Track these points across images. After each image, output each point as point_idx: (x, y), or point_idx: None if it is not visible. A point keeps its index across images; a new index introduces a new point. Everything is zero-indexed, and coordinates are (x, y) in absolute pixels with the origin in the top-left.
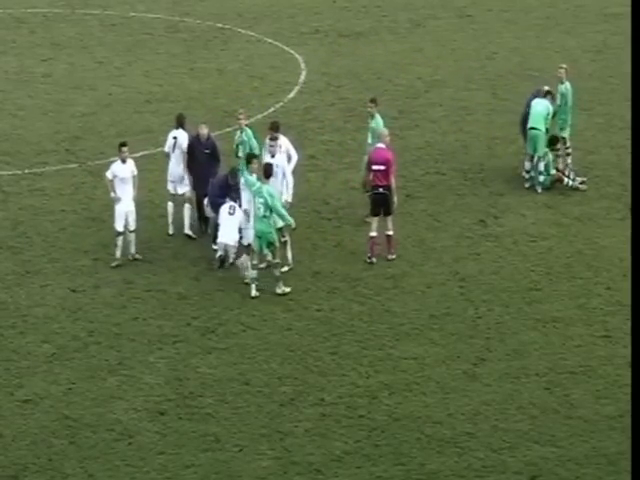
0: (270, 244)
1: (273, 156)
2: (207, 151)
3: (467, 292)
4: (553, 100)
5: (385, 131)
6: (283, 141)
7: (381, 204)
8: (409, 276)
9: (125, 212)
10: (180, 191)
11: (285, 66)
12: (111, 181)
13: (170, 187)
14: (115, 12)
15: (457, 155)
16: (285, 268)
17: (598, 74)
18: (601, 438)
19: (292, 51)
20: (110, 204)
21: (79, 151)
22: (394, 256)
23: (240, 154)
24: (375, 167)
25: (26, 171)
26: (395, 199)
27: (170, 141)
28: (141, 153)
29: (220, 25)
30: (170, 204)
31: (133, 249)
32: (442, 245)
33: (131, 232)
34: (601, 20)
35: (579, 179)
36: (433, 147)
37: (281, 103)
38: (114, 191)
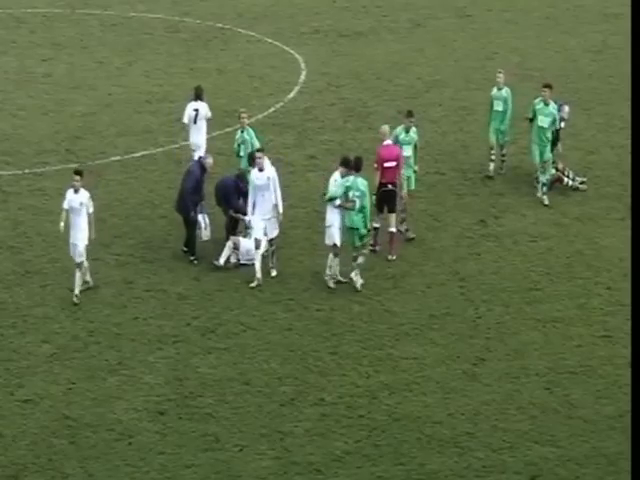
0: (362, 237)
1: (261, 170)
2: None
3: (467, 292)
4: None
5: (387, 128)
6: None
7: (387, 201)
8: (409, 276)
9: (72, 243)
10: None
11: (285, 66)
12: (66, 210)
13: (196, 155)
14: (115, 12)
15: (457, 155)
16: (254, 283)
17: (598, 74)
18: (601, 438)
19: (292, 51)
20: (111, 203)
21: (79, 151)
22: (394, 257)
23: (242, 153)
24: (387, 164)
25: (26, 171)
26: (403, 194)
27: (191, 113)
28: (141, 153)
29: (220, 25)
30: None
31: (88, 276)
32: (442, 245)
33: (77, 265)
34: (601, 20)
35: (579, 179)
36: (433, 147)
37: (281, 103)
38: (62, 221)
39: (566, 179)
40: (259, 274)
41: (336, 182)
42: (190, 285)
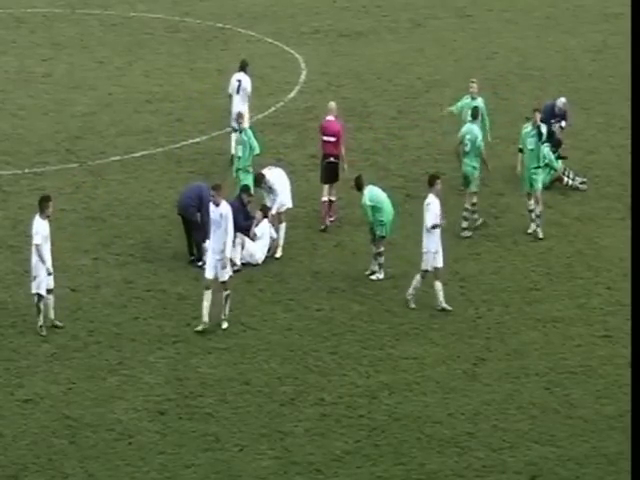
0: (382, 237)
1: (217, 205)
2: None
3: (467, 292)
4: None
5: (334, 105)
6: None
7: (331, 172)
8: (409, 276)
9: (50, 273)
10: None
11: (285, 66)
12: (39, 245)
13: (234, 124)
14: (115, 12)
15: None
16: (225, 325)
17: (598, 74)
18: (601, 438)
19: (292, 51)
20: (111, 203)
21: (79, 151)
22: (333, 218)
23: (240, 154)
24: (326, 138)
25: (26, 171)
26: (345, 166)
27: (234, 84)
28: (141, 153)
29: (220, 25)
30: (234, 135)
31: (52, 313)
32: (442, 245)
33: (49, 292)
34: (601, 20)
35: (579, 179)
36: (433, 147)
37: (281, 103)
38: (42, 260)
39: (566, 179)
40: (205, 318)
41: (429, 205)
42: (190, 285)
